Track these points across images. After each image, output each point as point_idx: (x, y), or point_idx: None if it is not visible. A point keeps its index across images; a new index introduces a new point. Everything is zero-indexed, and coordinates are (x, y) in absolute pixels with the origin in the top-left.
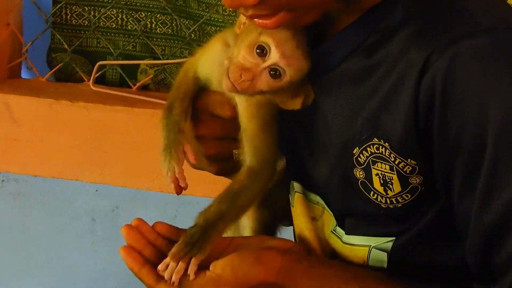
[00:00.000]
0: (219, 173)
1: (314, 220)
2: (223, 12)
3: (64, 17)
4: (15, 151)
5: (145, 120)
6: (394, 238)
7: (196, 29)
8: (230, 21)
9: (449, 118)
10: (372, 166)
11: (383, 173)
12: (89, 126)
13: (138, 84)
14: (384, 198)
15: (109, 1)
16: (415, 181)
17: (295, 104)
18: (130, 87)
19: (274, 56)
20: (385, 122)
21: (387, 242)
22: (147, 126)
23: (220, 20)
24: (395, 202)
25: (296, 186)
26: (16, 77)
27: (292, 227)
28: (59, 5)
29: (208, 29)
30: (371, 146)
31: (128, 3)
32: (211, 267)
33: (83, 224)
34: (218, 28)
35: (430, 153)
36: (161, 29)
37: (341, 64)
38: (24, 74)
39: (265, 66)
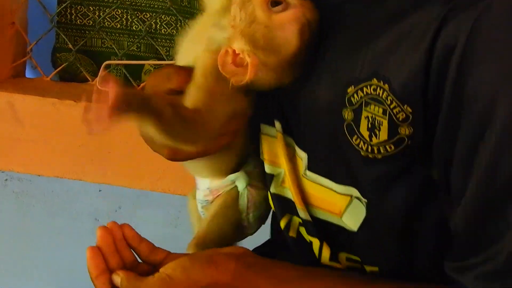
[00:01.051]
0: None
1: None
2: None
3: (69, 16)
4: (19, 150)
5: None
6: (367, 200)
7: None
8: None
9: (467, 74)
10: (364, 108)
11: (373, 116)
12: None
13: (142, 85)
14: (366, 145)
15: (114, 1)
16: (404, 132)
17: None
18: (135, 88)
19: None
20: (391, 64)
21: (364, 199)
22: None
23: None
24: (376, 152)
25: (277, 125)
26: (20, 76)
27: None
28: (64, 5)
29: None
30: (368, 87)
31: (133, 3)
32: (161, 269)
33: (86, 224)
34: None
35: (433, 104)
36: (166, 30)
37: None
38: (29, 74)
39: None
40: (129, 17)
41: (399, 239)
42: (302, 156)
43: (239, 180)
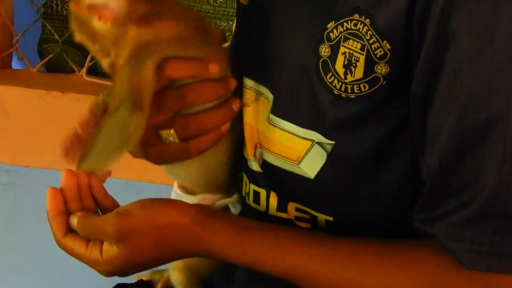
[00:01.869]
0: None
1: (245, 106)
2: (214, 3)
3: (55, 7)
4: (6, 141)
5: None
6: (334, 142)
7: None
8: (221, 12)
9: (451, 12)
10: (342, 43)
11: (351, 52)
12: (80, 116)
13: None
14: (340, 83)
15: None
16: (380, 70)
17: None
18: None
19: None
20: (374, 0)
21: (328, 144)
22: None
23: (211, 11)
24: (349, 91)
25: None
26: (7, 67)
27: None
28: None
29: None
30: (349, 22)
31: None
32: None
33: None
34: (209, 19)
35: (414, 44)
36: None
37: None
38: (15, 65)
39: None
40: None
41: (360, 187)
42: (269, 99)
43: (234, 206)
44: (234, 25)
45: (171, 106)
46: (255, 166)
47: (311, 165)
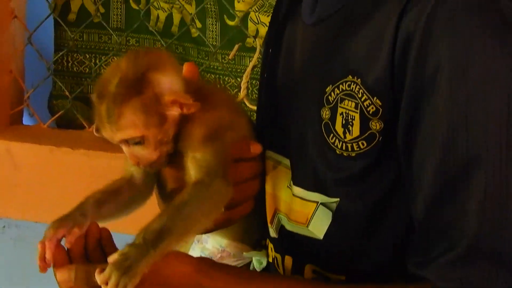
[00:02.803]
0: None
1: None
2: (222, 60)
3: (65, 64)
4: (16, 197)
5: None
6: (338, 199)
7: None
8: (230, 69)
9: (425, 57)
10: (339, 104)
11: (347, 111)
12: (90, 173)
13: None
14: (341, 143)
15: (110, 48)
16: (375, 127)
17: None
18: None
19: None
20: (362, 59)
21: (332, 202)
22: None
23: (219, 68)
24: (349, 149)
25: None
26: (17, 123)
27: None
28: (61, 53)
29: (208, 76)
30: (344, 84)
31: (129, 50)
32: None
33: None
34: (217, 75)
35: (399, 94)
36: None
37: (336, 12)
38: (26, 121)
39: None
40: None
41: (367, 241)
42: (288, 167)
43: (259, 259)
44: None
45: None
46: (272, 233)
47: (318, 226)
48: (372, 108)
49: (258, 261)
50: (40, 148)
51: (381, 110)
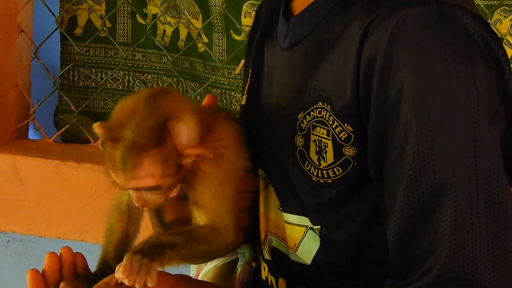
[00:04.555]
0: None
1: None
2: (228, 75)
3: (71, 79)
4: (21, 211)
5: None
6: (319, 226)
7: (202, 91)
8: (236, 84)
9: (389, 81)
10: (311, 132)
11: (319, 139)
12: (95, 187)
13: None
14: (316, 170)
15: (116, 63)
16: (349, 153)
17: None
18: None
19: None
20: (331, 85)
21: (316, 229)
22: None
23: (225, 82)
24: (325, 176)
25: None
26: (23, 138)
27: None
28: (67, 67)
29: (214, 91)
30: (315, 110)
31: (135, 65)
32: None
33: None
34: (223, 90)
35: (367, 122)
36: None
37: (308, 36)
38: (32, 135)
39: (137, 196)
40: (131, 78)
41: (355, 267)
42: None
43: (243, 253)
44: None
45: None
46: (265, 254)
47: (306, 251)
48: (344, 134)
49: (242, 255)
50: (45, 162)
51: (353, 136)
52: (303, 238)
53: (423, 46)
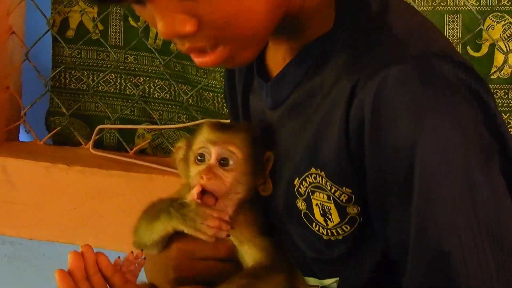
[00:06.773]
0: None
1: None
2: (221, 78)
3: (63, 81)
4: (11, 214)
5: (141, 185)
6: (338, 278)
7: (194, 95)
8: None
9: (379, 143)
10: (311, 196)
11: (321, 202)
12: (86, 190)
13: (135, 149)
14: (325, 230)
15: (108, 66)
16: (353, 211)
17: (267, 188)
18: (128, 151)
19: (212, 151)
20: (321, 151)
21: (332, 282)
22: (143, 190)
23: (217, 86)
24: (335, 234)
25: None
26: (14, 140)
27: None
28: (58, 70)
29: (206, 94)
30: (310, 176)
31: (127, 68)
32: None
33: None
34: (215, 93)
35: (365, 180)
36: (159, 94)
37: (288, 97)
38: (23, 137)
39: (213, 162)
40: (122, 81)
41: None
42: None
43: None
44: None
45: None
46: None
47: None
48: (344, 196)
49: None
50: (36, 164)
51: (353, 196)
52: None
53: (408, 105)
